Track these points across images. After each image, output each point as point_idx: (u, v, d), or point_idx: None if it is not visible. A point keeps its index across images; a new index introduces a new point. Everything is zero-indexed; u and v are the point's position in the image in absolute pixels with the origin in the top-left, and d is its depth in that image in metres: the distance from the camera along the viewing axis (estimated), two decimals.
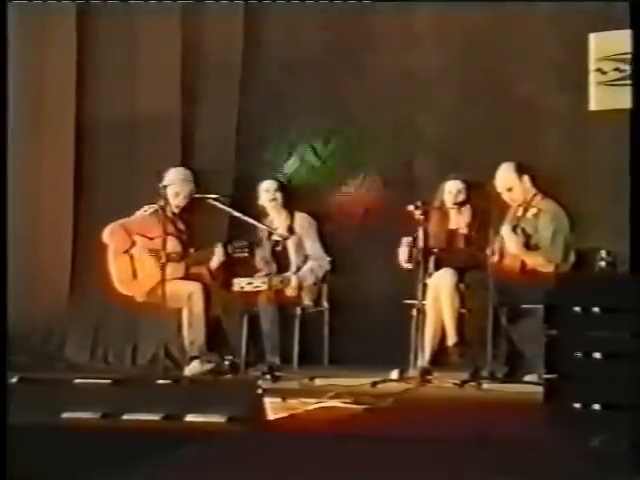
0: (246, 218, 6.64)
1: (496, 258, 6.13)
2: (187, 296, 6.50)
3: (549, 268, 6.08)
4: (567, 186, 6.46)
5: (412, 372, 6.06)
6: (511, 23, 6.98)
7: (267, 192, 6.88)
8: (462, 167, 6.72)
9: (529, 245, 6.22)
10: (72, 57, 7.31)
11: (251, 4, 7.30)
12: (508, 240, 6.17)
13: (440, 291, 6.28)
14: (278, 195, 6.87)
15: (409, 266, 6.33)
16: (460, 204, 6.55)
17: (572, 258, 6.16)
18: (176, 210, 6.71)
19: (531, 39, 6.97)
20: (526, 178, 6.30)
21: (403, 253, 6.38)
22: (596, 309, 4.18)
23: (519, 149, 6.72)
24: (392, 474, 3.67)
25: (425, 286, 6.22)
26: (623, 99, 6.75)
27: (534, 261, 6.16)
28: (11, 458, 3.51)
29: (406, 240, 6.33)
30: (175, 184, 6.68)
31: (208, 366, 6.40)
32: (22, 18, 7.10)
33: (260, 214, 6.90)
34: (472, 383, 5.75)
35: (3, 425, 3.81)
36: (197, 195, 6.68)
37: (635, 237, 4.35)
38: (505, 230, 6.21)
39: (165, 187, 6.55)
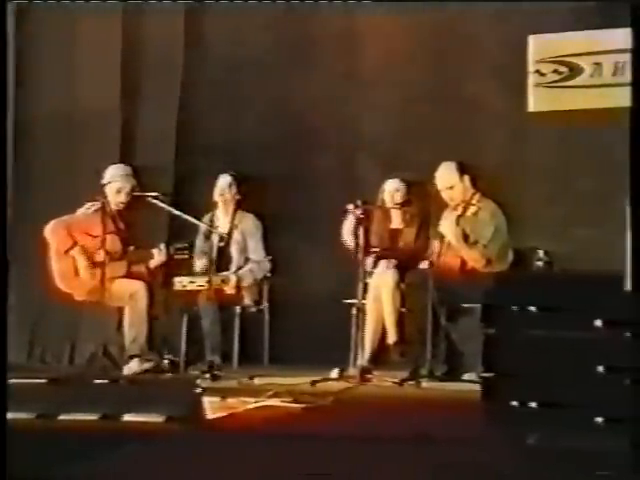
0: (186, 216, 6.61)
1: (436, 257, 6.17)
2: (129, 295, 6.46)
3: (483, 264, 6.14)
4: (506, 186, 6.52)
5: (352, 371, 6.08)
6: (453, 23, 7.04)
7: (219, 187, 6.85)
8: (404, 166, 6.76)
9: (467, 241, 6.27)
10: (10, 54, 7.21)
11: (192, 3, 7.28)
12: (448, 233, 6.21)
13: (381, 290, 6.31)
14: (228, 191, 6.84)
15: (351, 242, 6.32)
16: (400, 203, 6.60)
17: (510, 257, 6.23)
18: (118, 207, 6.65)
19: (473, 39, 7.02)
20: (467, 177, 6.35)
21: (347, 229, 6.38)
22: (533, 308, 4.21)
23: (460, 149, 6.77)
24: (331, 473, 3.67)
25: (365, 285, 6.24)
26: (561, 101, 6.83)
27: (471, 255, 6.19)
28: None
29: (351, 215, 6.33)
30: (116, 181, 6.63)
31: (147, 365, 6.36)
32: None
33: (207, 209, 6.86)
34: (411, 382, 5.78)
35: (3, 425, 3.77)
36: (137, 193, 6.63)
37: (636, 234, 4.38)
38: (445, 224, 6.25)
39: (105, 185, 6.50)
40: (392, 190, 6.63)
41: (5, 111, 5.16)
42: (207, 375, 6.06)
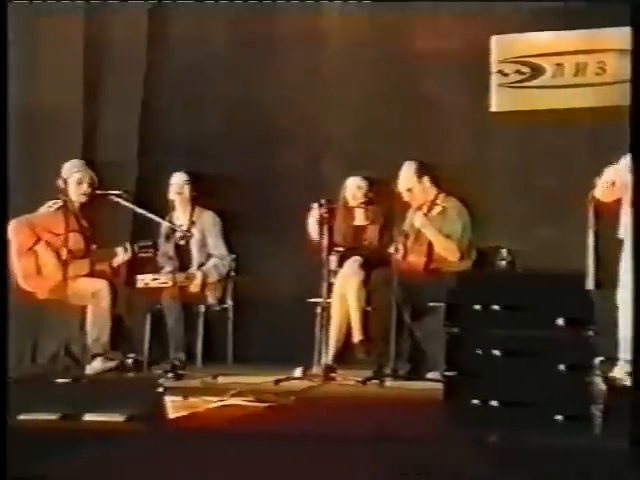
0: (149, 214, 6.57)
1: (400, 256, 6.18)
2: (92, 293, 6.42)
3: (458, 257, 6.18)
4: (469, 185, 6.54)
5: (316, 370, 6.07)
6: (417, 23, 7.05)
7: (175, 185, 6.82)
8: (368, 165, 6.77)
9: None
10: None
11: (155, 3, 7.27)
12: (423, 226, 6.21)
13: (346, 289, 6.32)
14: (185, 189, 6.82)
15: (317, 237, 6.34)
16: (363, 202, 6.61)
17: (473, 256, 6.25)
18: (80, 200, 6.61)
19: (437, 39, 7.04)
20: (426, 179, 6.36)
21: (312, 225, 6.38)
22: (496, 307, 4.23)
23: (423, 148, 6.79)
24: (294, 471, 3.67)
25: (330, 284, 6.24)
26: (524, 101, 6.89)
27: (447, 247, 6.21)
28: None
29: (316, 211, 6.33)
30: (75, 172, 6.60)
31: (110, 364, 6.33)
32: None
33: (168, 208, 6.84)
34: (375, 381, 5.78)
35: (3, 425, 3.80)
36: (99, 191, 6.59)
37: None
38: (418, 219, 6.25)
39: (65, 181, 6.47)
40: (354, 188, 6.65)
41: (6, 110, 5.14)
42: (170, 374, 6.04)
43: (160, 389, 4.50)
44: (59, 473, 3.65)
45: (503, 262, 4.99)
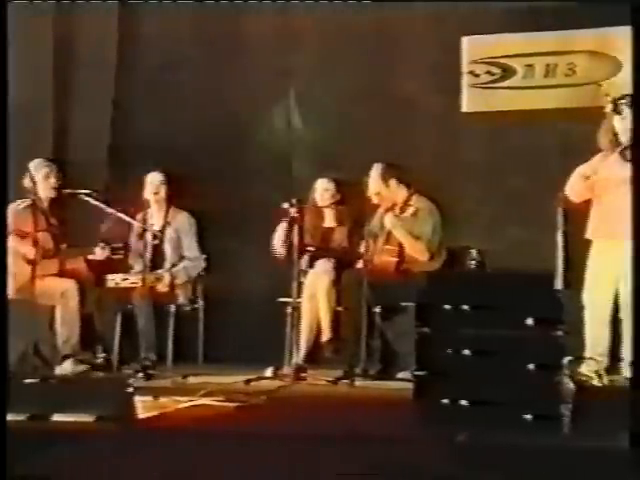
0: (119, 214, 6.54)
1: (371, 256, 6.18)
2: (60, 293, 6.38)
3: (427, 257, 6.19)
4: (440, 185, 6.56)
5: (286, 370, 6.07)
6: (389, 23, 7.06)
7: (151, 185, 6.79)
8: (338, 165, 6.77)
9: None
10: None
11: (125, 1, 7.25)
12: (393, 227, 6.22)
13: (316, 289, 6.33)
14: (162, 189, 6.79)
15: (282, 251, 6.32)
16: (332, 202, 6.61)
17: (444, 256, 6.27)
18: (49, 196, 6.57)
19: (409, 40, 7.06)
20: (393, 181, 6.35)
21: (278, 237, 6.37)
22: (466, 307, 4.24)
23: (394, 148, 6.80)
24: (265, 471, 3.66)
25: (300, 284, 6.24)
26: (495, 101, 6.92)
27: (417, 248, 6.22)
28: None
29: (282, 225, 6.34)
30: (42, 168, 6.57)
31: (81, 367, 6.29)
32: None
33: (141, 207, 6.82)
34: (345, 380, 5.78)
35: (3, 426, 3.79)
36: (69, 190, 6.55)
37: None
38: (388, 219, 6.26)
39: (33, 179, 6.43)
40: (322, 189, 6.66)
41: (6, 109, 5.11)
42: (140, 374, 6.02)
43: (130, 389, 4.47)
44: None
45: (473, 262, 5.00)
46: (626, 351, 5.56)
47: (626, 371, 5.50)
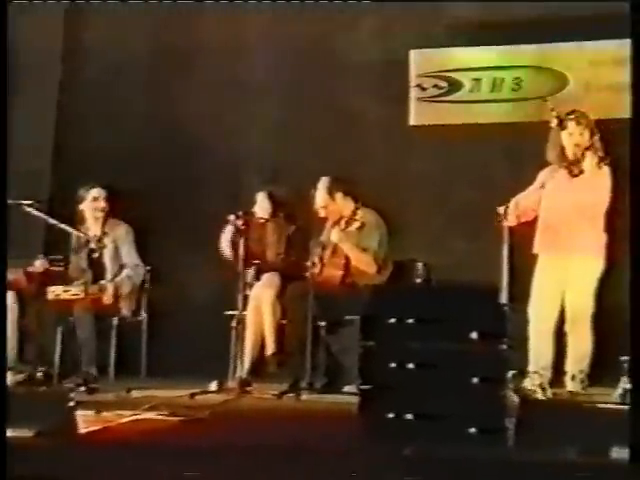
0: (62, 225, 6.46)
1: (316, 269, 6.17)
2: None
3: (375, 269, 6.17)
4: (388, 198, 6.56)
5: (231, 383, 6.02)
6: (337, 35, 7.07)
7: (90, 196, 6.71)
8: (286, 177, 6.76)
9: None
10: None
11: (72, 8, 7.18)
12: (340, 241, 6.20)
13: (261, 302, 6.29)
14: (100, 200, 6.71)
15: (229, 254, 6.27)
16: (276, 215, 6.59)
17: (390, 268, 6.27)
18: None
19: (357, 52, 7.07)
20: (339, 195, 6.35)
21: (225, 239, 6.32)
22: (410, 320, 4.23)
23: (344, 160, 6.80)
24: None
25: (246, 297, 6.21)
26: (442, 115, 6.95)
27: (364, 260, 6.20)
28: None
29: (230, 227, 6.29)
30: None
31: (18, 377, 6.19)
32: None
33: (79, 219, 6.73)
34: (291, 394, 5.75)
35: (3, 427, 3.76)
36: (11, 201, 6.45)
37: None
38: (334, 233, 6.25)
39: None
40: (260, 203, 6.63)
41: (5, 111, 5.01)
42: (82, 388, 5.93)
43: (71, 403, 4.40)
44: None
45: (419, 276, 5.01)
46: (570, 365, 5.61)
47: (570, 385, 5.55)
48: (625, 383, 5.20)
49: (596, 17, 6.38)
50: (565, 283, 5.66)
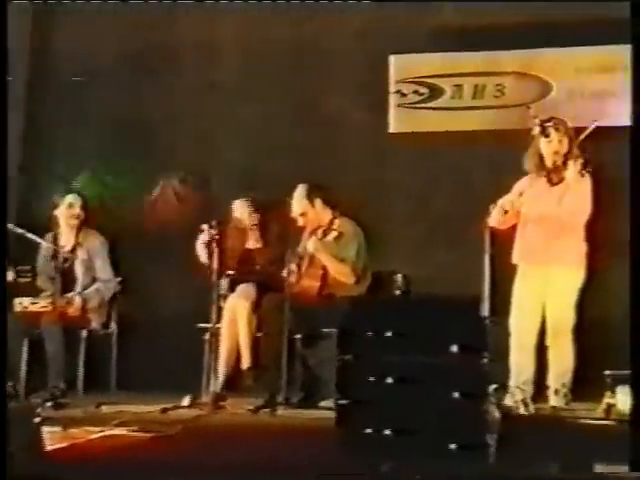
0: (30, 235, 6.36)
1: (294, 280, 6.05)
2: None
3: (354, 280, 6.09)
4: (367, 207, 6.48)
5: (205, 398, 5.90)
6: (315, 39, 7.00)
7: (64, 205, 6.58)
8: (261, 185, 6.66)
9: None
10: None
11: (40, 8, 7.06)
12: (316, 251, 6.10)
13: (236, 314, 6.19)
14: (74, 209, 6.59)
15: (205, 258, 6.18)
16: (255, 224, 6.48)
17: (369, 279, 6.16)
18: None
19: (336, 58, 6.98)
20: (318, 202, 6.24)
21: (201, 248, 6.22)
22: (389, 333, 4.14)
23: (322, 168, 6.71)
24: None
25: (220, 309, 6.12)
26: (422, 122, 6.83)
27: (342, 271, 6.11)
28: None
29: (206, 235, 6.18)
30: None
31: None
32: None
33: (51, 227, 6.61)
34: (266, 409, 5.64)
35: (3, 426, 3.75)
36: None
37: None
38: (311, 243, 6.14)
39: None
40: (241, 210, 6.52)
41: (6, 110, 4.92)
42: (49, 403, 5.80)
43: (38, 419, 4.29)
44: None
45: (398, 287, 4.92)
46: (552, 379, 5.51)
47: (553, 400, 5.45)
48: (609, 398, 5.13)
49: (582, 22, 6.30)
50: (545, 295, 5.58)
